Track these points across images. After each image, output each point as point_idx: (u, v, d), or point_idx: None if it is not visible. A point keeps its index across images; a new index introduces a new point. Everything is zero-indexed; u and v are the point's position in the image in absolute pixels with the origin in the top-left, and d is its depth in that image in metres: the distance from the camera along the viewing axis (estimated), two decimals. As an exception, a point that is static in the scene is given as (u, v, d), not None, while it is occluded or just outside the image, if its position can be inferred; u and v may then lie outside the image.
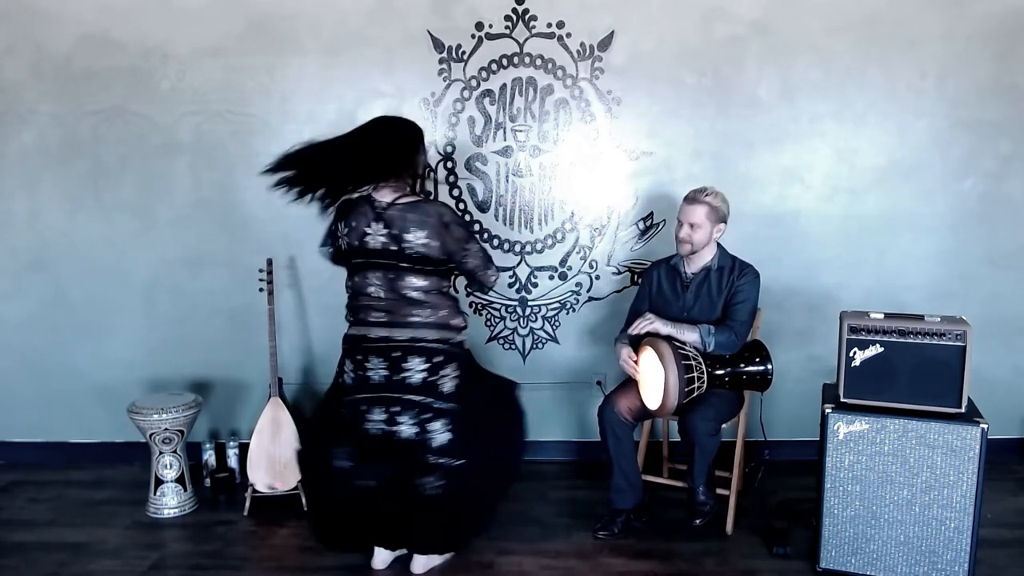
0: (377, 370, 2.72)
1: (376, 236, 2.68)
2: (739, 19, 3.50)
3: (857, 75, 3.53)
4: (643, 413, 3.08)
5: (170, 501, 3.36)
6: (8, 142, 3.64)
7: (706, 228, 3.07)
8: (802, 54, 3.52)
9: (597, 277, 3.74)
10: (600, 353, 3.74)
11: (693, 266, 3.15)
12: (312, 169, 2.64)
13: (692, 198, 3.09)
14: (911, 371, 2.69)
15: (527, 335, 3.80)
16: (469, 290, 3.71)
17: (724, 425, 3.04)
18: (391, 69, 3.56)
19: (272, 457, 3.37)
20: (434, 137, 3.60)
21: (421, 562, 2.86)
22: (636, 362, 3.04)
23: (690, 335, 3.00)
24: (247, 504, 3.35)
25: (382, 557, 2.90)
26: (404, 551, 2.91)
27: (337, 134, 3.59)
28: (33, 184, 3.67)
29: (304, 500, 3.29)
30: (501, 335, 3.79)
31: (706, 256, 3.13)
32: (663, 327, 2.99)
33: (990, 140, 3.58)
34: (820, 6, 3.49)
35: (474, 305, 3.75)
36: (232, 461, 3.68)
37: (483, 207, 3.67)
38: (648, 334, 3.01)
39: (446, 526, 2.79)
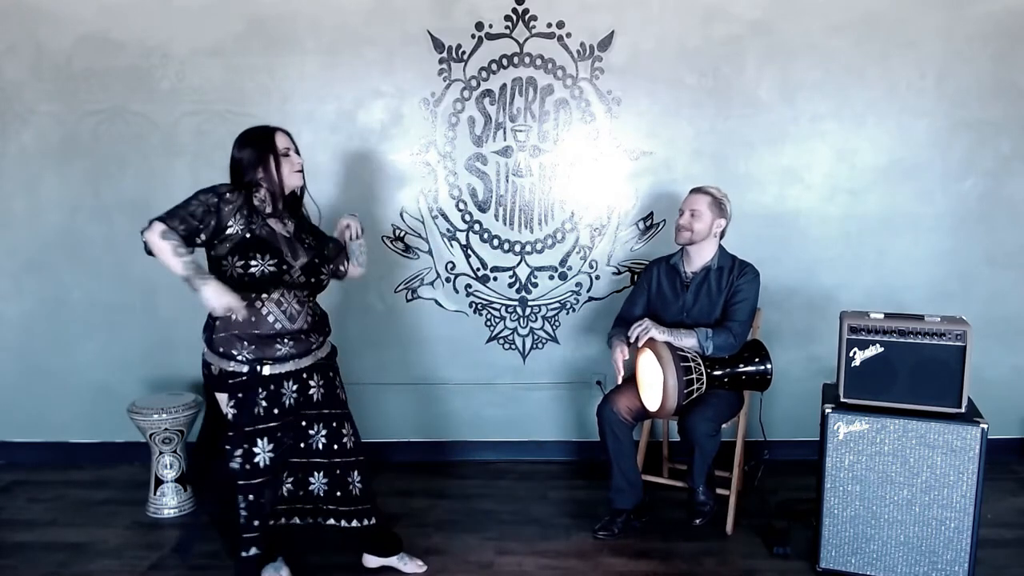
0: None
1: None
2: (739, 19, 3.50)
3: (857, 75, 3.53)
4: (642, 413, 3.08)
5: (170, 501, 3.36)
6: (8, 142, 3.63)
7: (707, 219, 3.07)
8: (802, 54, 3.52)
9: (597, 277, 3.74)
10: (600, 353, 3.74)
11: (693, 265, 3.15)
12: None
13: (698, 189, 3.13)
14: (911, 371, 2.69)
15: (527, 335, 3.80)
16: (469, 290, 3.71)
17: (724, 425, 3.04)
18: (391, 69, 3.56)
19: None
20: (434, 137, 3.61)
21: None
22: (627, 361, 3.05)
23: (688, 340, 2.98)
24: (247, 504, 3.35)
25: (374, 560, 2.91)
26: (394, 556, 2.92)
27: (336, 136, 3.63)
28: (33, 184, 3.67)
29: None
30: (501, 335, 3.79)
31: (706, 255, 3.13)
32: (659, 335, 2.98)
33: (990, 140, 3.58)
34: (820, 6, 3.49)
35: (474, 305, 3.75)
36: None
37: (483, 207, 3.67)
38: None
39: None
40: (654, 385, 2.91)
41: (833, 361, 2.84)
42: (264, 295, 2.51)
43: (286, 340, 2.54)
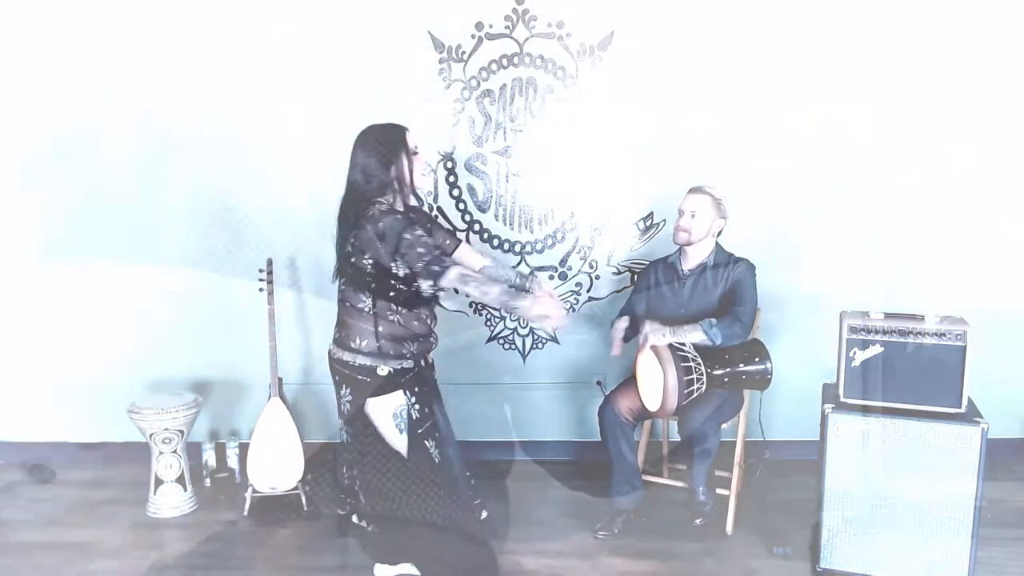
0: None
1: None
2: (739, 19, 3.50)
3: (857, 74, 3.53)
4: (643, 413, 3.08)
5: (170, 501, 3.37)
6: (9, 142, 3.63)
7: (706, 219, 3.07)
8: (802, 54, 3.52)
9: (597, 277, 3.74)
10: (600, 353, 3.74)
11: (690, 262, 3.15)
12: None
13: (697, 189, 3.13)
14: (911, 371, 2.69)
15: (527, 335, 3.80)
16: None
17: (724, 425, 3.04)
18: (391, 69, 3.56)
19: (272, 457, 3.37)
20: (434, 137, 3.60)
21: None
22: (625, 340, 3.08)
23: (693, 335, 2.96)
24: (247, 504, 3.35)
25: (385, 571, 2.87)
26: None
27: (336, 135, 3.62)
28: (33, 184, 3.67)
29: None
30: (501, 335, 3.79)
31: (703, 253, 3.13)
32: (661, 339, 2.94)
33: (990, 140, 3.58)
34: (820, 6, 3.48)
35: (474, 305, 3.75)
36: (232, 461, 3.68)
37: (483, 207, 3.67)
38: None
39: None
40: (654, 384, 2.91)
41: (833, 361, 2.83)
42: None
43: (435, 333, 2.66)
